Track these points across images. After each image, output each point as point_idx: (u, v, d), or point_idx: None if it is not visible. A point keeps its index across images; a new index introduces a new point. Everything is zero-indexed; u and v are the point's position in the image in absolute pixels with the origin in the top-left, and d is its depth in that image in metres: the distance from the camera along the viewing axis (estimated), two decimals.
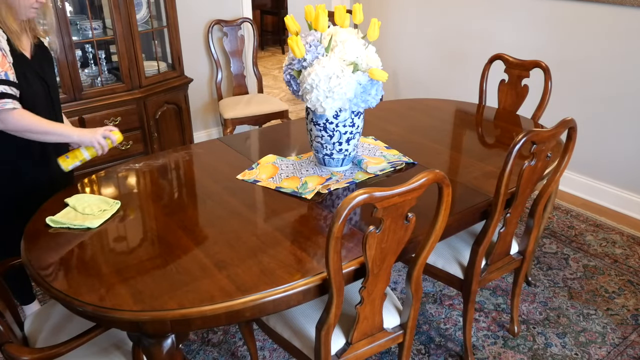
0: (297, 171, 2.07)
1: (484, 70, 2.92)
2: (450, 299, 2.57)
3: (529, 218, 2.11)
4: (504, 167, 1.76)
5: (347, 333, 1.65)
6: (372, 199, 1.34)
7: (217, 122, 4.39)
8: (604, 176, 3.34)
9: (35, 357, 1.45)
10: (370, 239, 1.41)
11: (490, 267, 2.06)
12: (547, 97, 2.67)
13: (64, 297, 1.42)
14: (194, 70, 3.96)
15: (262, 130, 2.65)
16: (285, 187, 1.95)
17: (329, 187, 1.95)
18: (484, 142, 2.48)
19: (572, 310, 2.47)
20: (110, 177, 2.08)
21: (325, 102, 1.84)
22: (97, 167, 3.24)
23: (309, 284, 1.47)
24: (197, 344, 2.30)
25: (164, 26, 3.55)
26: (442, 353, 2.25)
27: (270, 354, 2.24)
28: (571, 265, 2.78)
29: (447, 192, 1.48)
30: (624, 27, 3.01)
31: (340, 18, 1.97)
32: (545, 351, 2.24)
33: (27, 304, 2.35)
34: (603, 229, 3.09)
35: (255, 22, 5.12)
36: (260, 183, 2.00)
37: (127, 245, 1.64)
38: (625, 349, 2.25)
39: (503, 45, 3.46)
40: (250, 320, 2.01)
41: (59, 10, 2.90)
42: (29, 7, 1.85)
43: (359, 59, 1.87)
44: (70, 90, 3.08)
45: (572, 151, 1.94)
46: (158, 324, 1.37)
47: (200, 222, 1.77)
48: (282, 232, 1.69)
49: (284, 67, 2.01)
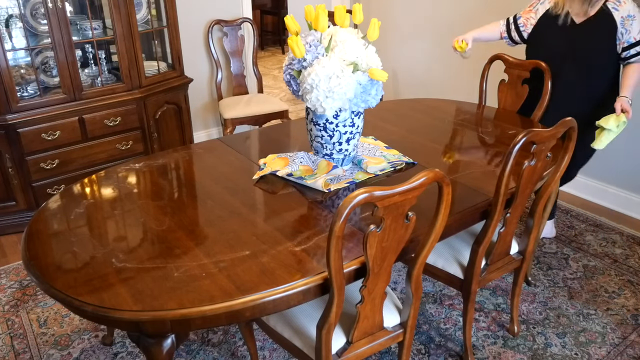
0: (307, 157, 2.10)
1: (483, 70, 2.92)
2: (450, 299, 2.57)
3: (528, 218, 2.11)
4: (504, 167, 1.76)
5: (347, 332, 1.65)
6: (372, 198, 1.34)
7: (217, 122, 4.39)
8: (604, 176, 3.34)
9: None
10: (371, 238, 1.41)
11: (490, 267, 2.06)
12: (547, 97, 2.67)
13: (64, 297, 1.42)
14: (194, 70, 3.96)
15: (262, 130, 2.65)
16: (305, 175, 2.00)
17: (329, 187, 1.95)
18: (484, 142, 2.48)
19: (572, 310, 2.47)
20: (110, 177, 2.08)
21: (325, 102, 1.84)
22: (97, 167, 3.24)
23: (309, 284, 1.47)
24: (197, 344, 2.30)
25: (164, 26, 3.55)
26: (442, 353, 2.25)
27: (271, 354, 2.24)
28: (571, 265, 2.78)
29: (447, 191, 1.48)
30: None
31: (340, 18, 1.97)
32: (545, 351, 2.24)
33: None
34: (603, 229, 3.09)
35: (255, 22, 5.13)
36: (279, 173, 2.02)
37: (127, 245, 1.64)
38: (625, 349, 2.25)
39: (503, 45, 3.45)
40: (250, 320, 2.01)
41: (59, 10, 2.90)
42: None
43: (359, 59, 1.87)
44: (70, 90, 3.08)
45: (572, 151, 1.95)
46: (158, 324, 1.37)
47: (200, 222, 1.77)
48: (282, 232, 1.69)
49: (284, 67, 2.01)
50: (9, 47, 2.96)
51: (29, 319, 2.47)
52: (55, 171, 3.12)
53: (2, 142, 2.94)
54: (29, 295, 2.62)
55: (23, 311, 2.51)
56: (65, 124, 3.08)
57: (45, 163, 3.07)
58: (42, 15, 3.05)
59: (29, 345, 2.31)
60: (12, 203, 3.09)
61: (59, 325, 2.43)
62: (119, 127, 3.29)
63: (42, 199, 3.11)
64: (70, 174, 3.18)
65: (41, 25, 3.08)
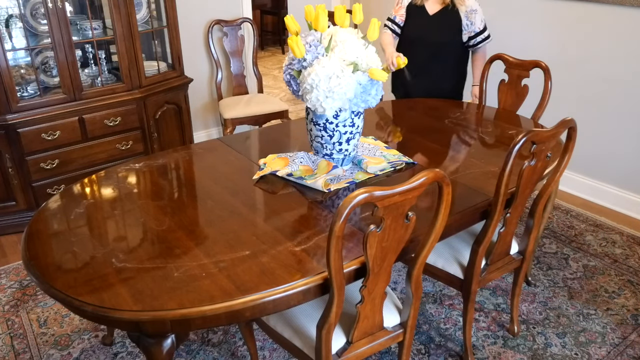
0: (307, 158, 2.10)
1: (483, 70, 2.92)
2: (450, 299, 2.57)
3: (528, 218, 2.11)
4: (504, 167, 1.76)
5: (347, 332, 1.65)
6: (372, 198, 1.34)
7: (217, 122, 4.39)
8: (604, 176, 3.34)
9: None
10: (371, 238, 1.41)
11: (490, 267, 2.06)
12: (547, 97, 2.67)
13: (64, 297, 1.42)
14: (194, 70, 3.96)
15: (262, 130, 2.65)
16: (305, 175, 1.99)
17: (329, 187, 1.95)
18: (484, 142, 2.48)
19: (572, 310, 2.47)
20: (110, 177, 2.08)
21: (325, 102, 1.84)
22: (97, 167, 3.24)
23: (309, 284, 1.47)
24: (197, 344, 2.30)
25: (164, 26, 3.55)
26: (442, 353, 2.25)
27: (271, 354, 2.24)
28: (571, 265, 2.78)
29: (447, 191, 1.48)
30: (624, 27, 3.01)
31: (340, 18, 1.97)
32: (545, 351, 2.24)
33: None
34: (603, 229, 3.09)
35: (255, 22, 5.12)
36: (279, 173, 2.02)
37: (127, 245, 1.64)
38: (625, 349, 2.25)
39: (503, 45, 3.45)
40: (250, 320, 2.01)
41: (59, 10, 2.90)
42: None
43: (359, 59, 1.87)
44: (70, 90, 3.08)
45: (572, 151, 1.95)
46: (158, 324, 1.37)
47: (200, 222, 1.77)
48: (282, 232, 1.69)
49: (284, 67, 2.01)
50: (9, 47, 2.96)
51: (29, 319, 2.47)
52: (55, 171, 3.12)
53: (2, 142, 2.94)
54: (29, 295, 2.62)
55: (23, 311, 2.51)
56: (65, 124, 3.08)
57: (45, 163, 3.07)
58: (42, 15, 3.05)
59: (29, 345, 2.31)
60: (12, 203, 3.09)
61: (59, 325, 2.43)
62: (119, 127, 3.29)
63: (42, 199, 3.10)
64: (70, 174, 3.18)
65: (41, 25, 3.08)
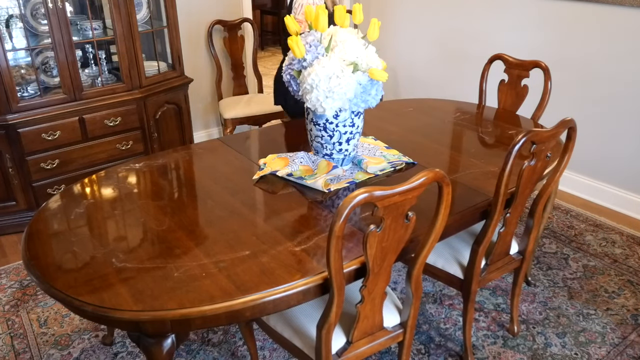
0: (307, 158, 2.10)
1: (483, 70, 2.92)
2: (450, 299, 2.57)
3: (528, 218, 2.11)
4: (504, 167, 1.76)
5: (347, 332, 1.65)
6: (372, 198, 1.34)
7: (217, 122, 4.39)
8: (603, 176, 3.34)
9: None
10: (371, 237, 1.41)
11: (490, 267, 2.06)
12: (547, 97, 2.67)
13: (64, 297, 1.42)
14: (194, 70, 3.96)
15: (262, 130, 2.65)
16: (305, 175, 1.99)
17: (329, 187, 1.95)
18: (484, 142, 2.48)
19: (571, 310, 2.47)
20: (110, 177, 2.08)
21: (325, 102, 1.84)
22: (97, 167, 3.24)
23: (309, 284, 1.47)
24: (197, 344, 2.30)
25: (164, 26, 3.55)
26: (442, 353, 2.25)
27: (271, 354, 2.24)
28: (571, 265, 2.78)
29: (447, 191, 1.48)
30: (624, 27, 3.01)
31: (340, 18, 1.97)
32: (545, 351, 2.24)
33: None
34: (603, 229, 3.09)
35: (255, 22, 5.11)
36: (279, 173, 2.02)
37: (127, 245, 1.64)
38: (625, 349, 2.25)
39: (503, 45, 3.46)
40: (250, 320, 2.01)
41: (59, 10, 2.90)
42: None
43: (359, 59, 1.87)
44: (70, 90, 3.08)
45: (571, 151, 1.95)
46: (158, 324, 1.37)
47: (200, 222, 1.77)
48: (282, 232, 1.69)
49: (284, 67, 2.01)
50: (9, 47, 2.96)
51: (29, 318, 2.47)
52: (55, 171, 3.12)
53: (3, 142, 2.94)
54: (29, 295, 2.62)
55: (23, 311, 2.51)
56: (66, 124, 3.09)
57: (45, 163, 3.07)
58: (42, 16, 3.05)
59: (29, 345, 2.31)
60: (12, 203, 3.09)
61: (59, 325, 2.43)
62: (119, 127, 3.29)
63: (42, 199, 3.10)
64: (71, 174, 3.18)
65: (41, 26, 3.08)
